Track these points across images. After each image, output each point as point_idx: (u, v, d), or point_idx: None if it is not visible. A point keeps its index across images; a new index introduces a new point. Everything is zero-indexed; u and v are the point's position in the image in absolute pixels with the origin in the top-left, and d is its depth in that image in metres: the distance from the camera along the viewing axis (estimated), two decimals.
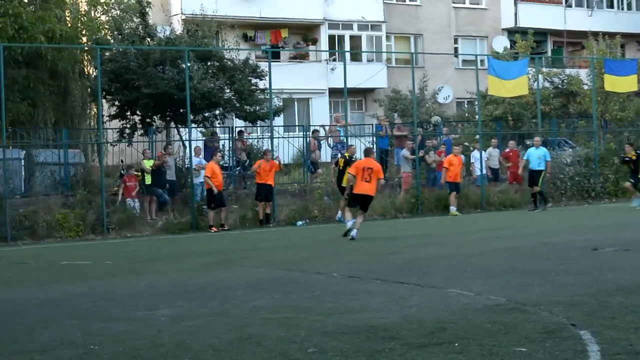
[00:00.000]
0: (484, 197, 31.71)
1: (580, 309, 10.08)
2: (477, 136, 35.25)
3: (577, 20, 53.78)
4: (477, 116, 37.08)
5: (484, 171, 32.52)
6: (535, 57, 40.91)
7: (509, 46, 48.25)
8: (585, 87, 41.35)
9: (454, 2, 52.76)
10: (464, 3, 53.50)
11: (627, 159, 29.54)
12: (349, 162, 24.90)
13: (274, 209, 27.88)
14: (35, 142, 30.98)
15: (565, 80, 44.59)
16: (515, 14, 53.07)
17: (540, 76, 39.34)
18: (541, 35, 52.17)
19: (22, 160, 29.60)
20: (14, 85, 29.58)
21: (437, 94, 46.58)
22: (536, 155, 29.57)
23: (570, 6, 55.03)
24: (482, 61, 38.54)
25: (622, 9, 57.03)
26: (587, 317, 9.53)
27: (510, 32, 51.19)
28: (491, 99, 39.60)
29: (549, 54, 54.13)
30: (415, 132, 32.92)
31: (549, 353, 7.95)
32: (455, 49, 52.38)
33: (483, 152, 33.20)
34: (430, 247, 18.65)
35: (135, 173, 29.27)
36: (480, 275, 13.56)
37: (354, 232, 20.28)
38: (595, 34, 44.69)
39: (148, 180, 28.18)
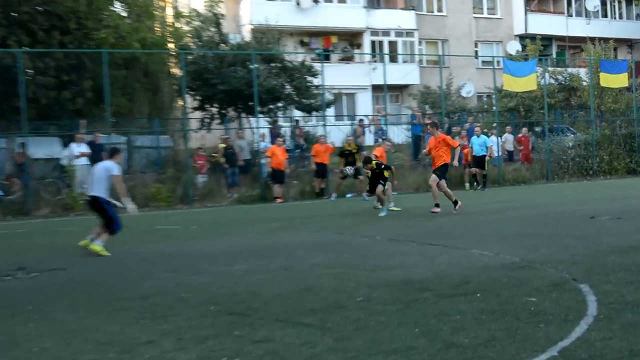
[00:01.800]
0: (501, 174, 31.61)
1: (580, 266, 10.04)
2: (494, 124, 35.13)
3: (577, 27, 53.29)
4: (494, 107, 36.92)
5: (500, 153, 32.40)
6: (542, 58, 40.55)
7: (520, 49, 47.72)
8: (584, 83, 40.92)
9: (474, 13, 52.39)
10: (483, 13, 53.10)
11: None
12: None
13: (327, 183, 27.95)
14: (133, 129, 31.26)
15: (567, 78, 44.14)
16: (526, 23, 52.64)
17: (546, 74, 38.99)
18: (547, 40, 51.58)
19: (124, 144, 29.89)
20: (115, 84, 29.88)
21: (461, 89, 46.24)
22: (477, 143, 28.90)
23: (571, 16, 54.48)
24: (498, 62, 38.12)
25: (615, 18, 56.34)
26: (586, 273, 9.49)
27: (522, 37, 50.68)
28: (506, 93, 39.34)
29: (554, 55, 53.56)
30: (443, 121, 32.86)
31: (555, 302, 7.95)
32: (476, 52, 52.00)
33: (499, 137, 33.13)
34: (456, 216, 18.58)
35: (213, 155, 29.46)
36: (497, 238, 13.54)
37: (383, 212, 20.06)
38: (592, 39, 44.21)
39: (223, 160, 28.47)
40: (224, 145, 29.10)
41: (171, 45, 34.37)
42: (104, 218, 13.71)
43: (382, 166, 20.41)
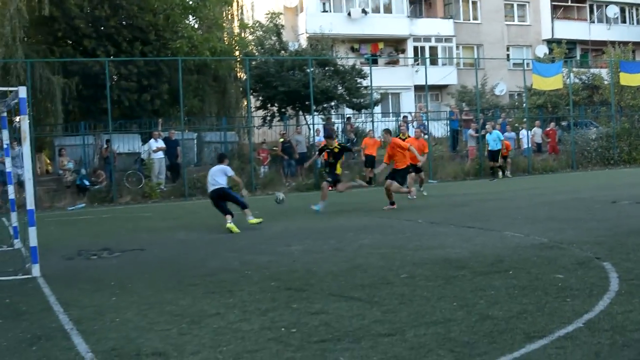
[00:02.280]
0: (530, 164, 31.27)
1: (603, 246, 9.83)
2: (525, 119, 34.80)
3: (599, 32, 52.28)
4: (524, 104, 36.51)
5: (530, 145, 32.09)
6: (567, 60, 39.87)
7: (547, 52, 46.99)
8: (605, 82, 40.17)
9: (506, 20, 51.75)
10: (514, 21, 52.43)
11: None
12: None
13: (375, 173, 27.82)
14: (204, 127, 31.49)
15: (590, 77, 43.30)
16: (552, 29, 51.89)
17: (571, 74, 38.38)
18: (571, 44, 50.81)
19: (195, 140, 30.12)
20: (188, 87, 30.18)
21: (494, 88, 45.71)
22: (492, 139, 27.90)
23: (593, 22, 53.38)
24: (527, 64, 37.66)
25: (633, 23, 55.06)
26: (608, 253, 9.29)
27: (549, 42, 49.87)
28: (535, 91, 38.75)
29: (578, 58, 52.69)
30: (478, 117, 32.63)
31: (580, 279, 7.81)
32: (508, 55, 51.47)
33: (529, 131, 32.82)
34: (490, 201, 18.39)
35: (274, 148, 29.58)
36: (527, 221, 13.32)
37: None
38: (612, 43, 43.55)
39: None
40: (282, 139, 29.23)
41: (237, 53, 34.52)
42: (233, 202, 15.14)
43: (342, 147, 18.47)
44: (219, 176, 15.18)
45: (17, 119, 13.85)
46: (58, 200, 23.84)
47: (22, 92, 9.87)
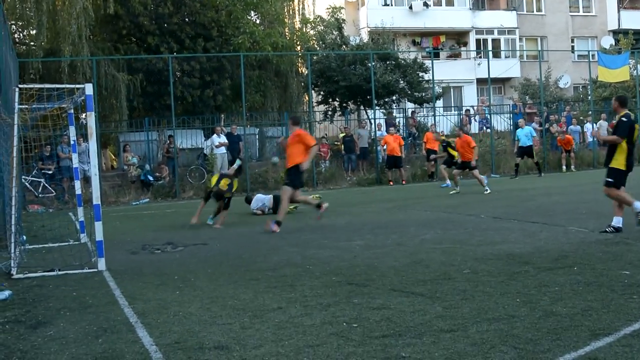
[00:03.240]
0: (596, 158, 30.69)
1: None
2: (590, 112, 34.16)
3: None
4: (589, 97, 35.83)
5: (595, 139, 31.48)
6: (634, 51, 38.91)
7: (613, 43, 46.02)
8: None
9: (570, 11, 50.79)
10: (579, 11, 51.42)
11: None
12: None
13: (437, 168, 27.67)
14: (265, 122, 31.68)
15: None
16: (619, 19, 50.75)
17: (638, 66, 37.52)
18: (639, 34, 49.63)
19: (257, 135, 30.33)
20: (250, 82, 30.43)
21: (559, 81, 44.97)
22: (523, 134, 26.77)
23: None
24: (593, 55, 36.97)
25: None
26: None
27: (615, 32, 48.82)
28: (600, 84, 37.99)
29: None
30: (542, 110, 32.16)
31: None
32: (572, 47, 50.56)
33: (594, 124, 32.18)
34: (554, 195, 18.12)
35: (336, 143, 29.61)
36: (593, 216, 13.10)
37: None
38: None
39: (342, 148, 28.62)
40: (343, 134, 29.26)
41: (299, 48, 34.63)
42: None
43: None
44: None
45: (84, 115, 14.16)
46: (123, 196, 24.27)
47: (89, 89, 10.06)
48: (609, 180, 11.49)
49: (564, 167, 28.49)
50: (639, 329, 5.67)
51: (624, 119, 11.27)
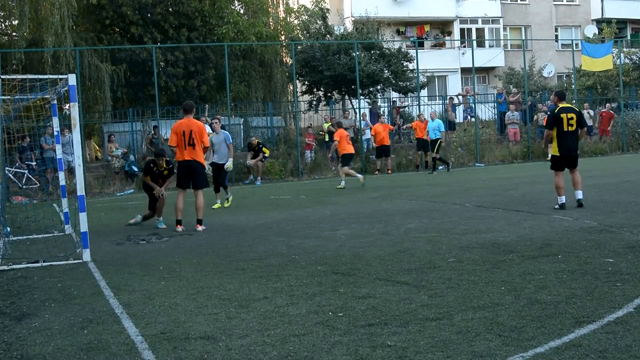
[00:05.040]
0: (580, 147, 30.77)
1: None
2: (574, 101, 34.24)
3: None
4: (573, 86, 35.94)
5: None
6: (617, 40, 39.11)
7: (597, 32, 46.21)
8: None
9: (554, 1, 50.94)
10: (563, 1, 51.55)
11: None
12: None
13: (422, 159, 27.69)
14: (250, 112, 31.64)
15: None
16: (602, 8, 50.94)
17: (621, 55, 37.70)
18: (622, 23, 49.83)
19: (241, 125, 30.27)
20: (234, 72, 30.34)
21: (542, 70, 45.10)
22: (432, 127, 25.75)
23: None
24: (576, 44, 37.12)
25: None
26: None
27: (598, 21, 49.06)
28: (584, 72, 38.16)
29: (629, 37, 51.69)
30: (526, 99, 32.26)
31: (631, 263, 7.73)
32: (556, 36, 50.71)
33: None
34: (538, 184, 18.19)
35: (320, 132, 29.60)
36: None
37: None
38: None
39: (326, 138, 28.54)
40: (328, 124, 29.24)
41: (283, 38, 34.54)
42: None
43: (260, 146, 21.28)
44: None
45: (67, 106, 14.09)
46: (107, 186, 24.16)
47: (72, 79, 10.01)
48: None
49: (549, 156, 28.58)
50: (622, 316, 5.72)
51: (549, 112, 12.20)
